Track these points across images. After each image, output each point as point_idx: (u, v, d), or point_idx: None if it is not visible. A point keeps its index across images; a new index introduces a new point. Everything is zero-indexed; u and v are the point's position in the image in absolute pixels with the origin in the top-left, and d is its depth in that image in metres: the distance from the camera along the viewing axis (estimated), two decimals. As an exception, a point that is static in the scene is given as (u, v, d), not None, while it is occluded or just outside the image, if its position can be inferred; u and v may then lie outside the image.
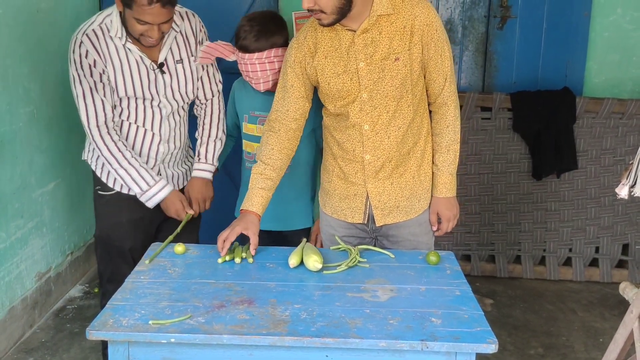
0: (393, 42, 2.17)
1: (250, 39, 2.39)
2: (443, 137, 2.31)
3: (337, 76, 2.22)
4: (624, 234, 3.96)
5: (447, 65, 2.24)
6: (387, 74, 2.18)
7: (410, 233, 2.38)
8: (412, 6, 2.17)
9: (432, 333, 1.72)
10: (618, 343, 2.21)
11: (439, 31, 2.20)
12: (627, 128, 3.86)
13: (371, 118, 2.24)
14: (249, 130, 2.58)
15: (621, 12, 3.96)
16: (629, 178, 1.96)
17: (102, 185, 2.57)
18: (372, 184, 2.32)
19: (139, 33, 2.31)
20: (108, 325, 1.74)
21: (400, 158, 2.30)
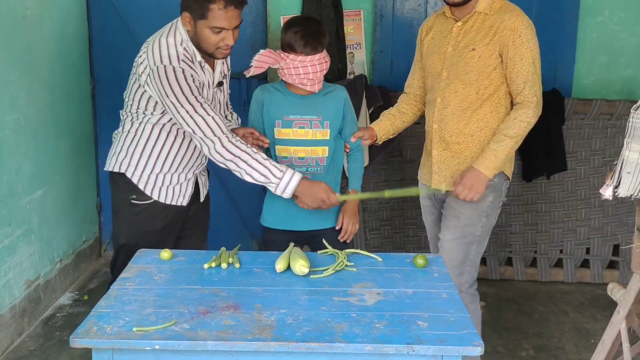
0: (477, 36, 2.51)
1: (311, 43, 2.46)
2: (508, 125, 2.49)
3: (432, 54, 2.65)
4: (614, 234, 3.97)
5: (527, 70, 2.46)
6: (462, 60, 2.53)
7: (454, 201, 2.60)
8: (504, 12, 2.50)
9: (418, 336, 1.71)
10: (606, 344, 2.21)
11: (522, 37, 2.45)
12: (616, 129, 3.87)
13: (444, 93, 2.59)
14: (283, 135, 2.59)
15: (608, 14, 3.98)
16: (612, 179, 1.96)
17: (139, 195, 2.57)
18: (437, 151, 2.65)
19: (214, 45, 2.37)
20: (92, 332, 1.72)
21: (462, 136, 2.58)
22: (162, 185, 2.57)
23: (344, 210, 2.64)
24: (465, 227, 2.60)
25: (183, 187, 2.62)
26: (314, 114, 2.56)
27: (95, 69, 4.15)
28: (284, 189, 2.41)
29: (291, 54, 2.47)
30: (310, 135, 2.58)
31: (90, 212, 4.23)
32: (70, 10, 3.87)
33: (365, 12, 3.98)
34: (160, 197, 2.58)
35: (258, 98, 2.64)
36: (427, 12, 3.98)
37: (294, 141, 2.58)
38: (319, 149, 2.59)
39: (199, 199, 2.74)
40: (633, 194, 1.94)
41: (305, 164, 2.59)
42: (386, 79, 4.05)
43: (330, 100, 2.59)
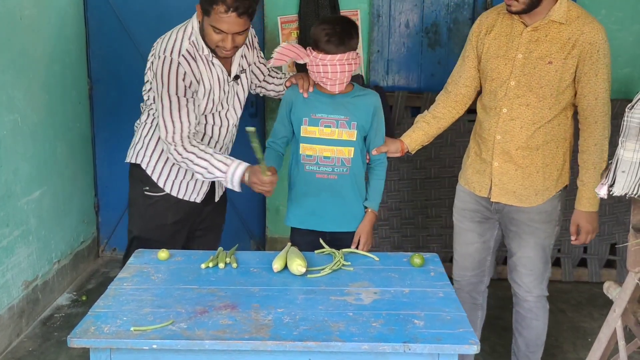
0: (553, 47, 2.35)
1: (334, 42, 2.46)
2: (590, 154, 2.41)
3: (496, 58, 2.46)
4: (611, 233, 3.98)
5: (600, 87, 2.35)
6: (537, 72, 2.37)
7: (529, 219, 2.51)
8: (584, 23, 2.33)
9: (414, 335, 1.73)
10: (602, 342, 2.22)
11: (600, 52, 2.32)
12: (614, 128, 3.82)
13: (511, 104, 2.43)
14: (308, 133, 2.60)
15: (606, 13, 3.99)
16: (607, 177, 1.97)
17: (152, 187, 2.60)
18: (498, 163, 2.51)
19: (214, 43, 2.39)
20: (90, 332, 1.73)
21: (528, 150, 2.45)
22: (175, 179, 2.60)
23: (361, 232, 2.63)
24: (544, 240, 2.55)
25: (198, 183, 2.64)
26: (341, 114, 2.57)
27: (93, 69, 4.15)
28: (231, 182, 2.44)
29: (315, 51, 2.50)
30: (336, 135, 2.58)
31: (88, 212, 4.23)
32: (68, 10, 3.87)
33: (362, 13, 3.99)
34: (172, 191, 2.61)
35: (287, 97, 2.66)
36: (423, 12, 3.99)
37: (319, 140, 2.58)
38: (345, 149, 2.59)
39: (213, 199, 2.76)
40: (628, 193, 1.95)
41: (331, 163, 2.60)
42: (383, 79, 4.06)
43: (359, 103, 2.59)
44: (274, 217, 4.30)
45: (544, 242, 2.55)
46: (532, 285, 2.59)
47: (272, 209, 4.30)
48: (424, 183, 3.97)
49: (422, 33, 4.01)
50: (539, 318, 2.64)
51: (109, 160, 4.24)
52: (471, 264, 2.70)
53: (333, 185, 2.60)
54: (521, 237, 2.55)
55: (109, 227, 4.36)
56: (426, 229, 3.99)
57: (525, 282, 2.59)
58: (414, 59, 4.04)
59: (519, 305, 2.67)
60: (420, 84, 4.07)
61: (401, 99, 3.86)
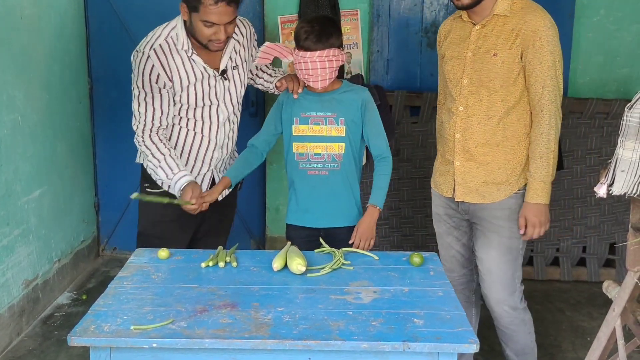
0: (498, 40, 2.38)
1: (312, 39, 2.50)
2: (536, 144, 2.38)
3: (451, 60, 2.51)
4: (610, 233, 3.98)
5: (545, 74, 2.33)
6: (485, 66, 2.40)
7: (491, 215, 2.49)
8: (526, 13, 2.36)
9: (414, 334, 1.73)
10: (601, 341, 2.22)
11: (542, 39, 2.31)
12: (612, 128, 3.88)
13: (467, 102, 2.45)
14: (300, 131, 2.65)
15: (604, 13, 3.99)
16: (606, 177, 1.97)
17: (152, 183, 2.64)
18: (459, 162, 2.50)
19: (206, 38, 2.42)
20: (90, 331, 1.73)
21: (488, 147, 2.44)
22: None
23: (358, 226, 2.60)
24: (509, 239, 2.48)
25: (197, 181, 2.64)
26: (328, 111, 2.62)
27: (93, 68, 4.16)
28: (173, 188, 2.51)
29: (296, 49, 2.55)
30: (325, 132, 2.62)
31: (89, 211, 4.23)
32: (68, 10, 3.88)
33: (362, 12, 3.99)
34: (170, 188, 2.60)
35: (280, 98, 2.74)
36: (423, 12, 3.99)
37: (310, 137, 2.63)
38: (335, 145, 2.62)
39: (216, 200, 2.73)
40: (627, 192, 1.95)
41: (322, 160, 2.63)
42: (383, 79, 4.06)
43: (346, 99, 2.63)
44: (273, 217, 4.31)
45: (509, 242, 2.47)
46: (501, 296, 2.51)
47: (272, 209, 4.31)
48: (424, 182, 3.97)
49: (422, 33, 4.01)
50: (519, 331, 2.57)
51: (109, 159, 4.24)
52: (457, 266, 2.70)
53: (324, 182, 2.64)
54: (485, 235, 2.51)
55: (109, 226, 4.36)
56: (425, 228, 3.99)
57: (494, 293, 2.52)
58: (414, 58, 4.04)
59: (496, 320, 2.61)
60: (419, 84, 4.08)
61: (401, 99, 3.87)
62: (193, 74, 2.53)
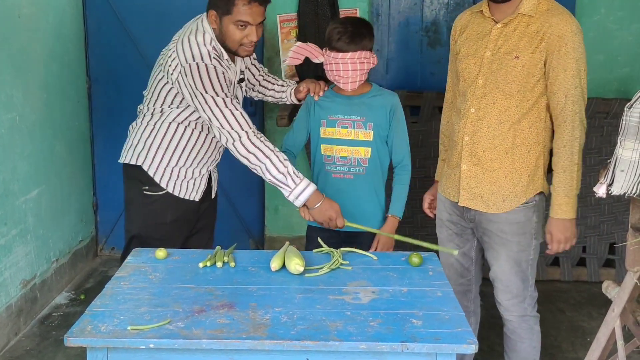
0: (521, 42, 2.26)
1: (345, 40, 2.50)
2: (559, 157, 2.28)
3: (467, 57, 2.38)
4: (610, 233, 3.97)
5: (570, 82, 2.22)
6: (504, 68, 2.27)
7: (499, 229, 2.40)
8: (552, 15, 2.24)
9: (412, 334, 1.72)
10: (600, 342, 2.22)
11: (569, 45, 2.21)
12: (612, 127, 3.87)
13: (479, 103, 2.34)
14: (327, 134, 2.65)
15: (605, 12, 3.98)
16: (606, 177, 1.96)
17: (152, 186, 2.62)
18: (466, 166, 2.41)
19: (238, 42, 2.45)
20: (86, 331, 1.72)
21: (497, 152, 2.35)
22: (177, 179, 2.63)
23: (379, 236, 2.65)
24: (518, 253, 2.40)
25: (197, 182, 2.68)
26: (357, 115, 2.61)
27: (92, 68, 4.15)
28: (297, 195, 2.43)
29: (327, 50, 2.55)
30: (352, 135, 2.62)
31: (87, 211, 4.22)
32: (66, 9, 3.87)
33: (361, 11, 3.98)
34: (174, 190, 2.63)
35: (307, 100, 2.74)
36: (423, 11, 3.98)
37: (337, 140, 2.63)
38: (362, 149, 2.62)
39: (210, 196, 2.79)
40: (627, 192, 1.94)
41: (347, 163, 2.63)
42: (383, 78, 4.05)
43: (376, 103, 2.62)
44: (272, 216, 4.30)
45: (517, 255, 2.40)
46: (509, 304, 2.47)
47: (271, 208, 4.30)
48: (424, 182, 3.96)
49: (422, 32, 4.00)
50: (524, 340, 2.50)
51: (107, 159, 4.23)
52: (454, 274, 2.62)
53: (349, 185, 2.64)
54: (494, 248, 2.44)
55: (108, 226, 4.35)
56: (425, 228, 3.98)
57: (502, 299, 2.48)
58: (414, 58, 4.03)
59: (504, 324, 2.56)
60: (420, 83, 4.06)
61: (401, 98, 3.83)
62: (233, 81, 2.58)
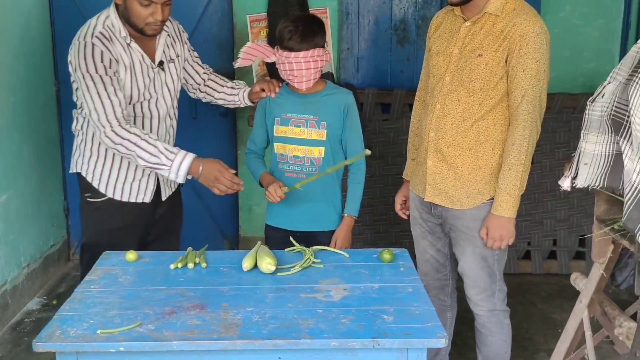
0: (485, 40, 2.28)
1: (296, 39, 2.46)
2: (507, 155, 2.29)
3: (437, 54, 2.42)
4: (580, 225, 4.04)
5: (527, 82, 2.22)
6: (468, 66, 2.30)
7: (464, 225, 2.42)
8: (517, 15, 2.25)
9: (383, 330, 1.73)
10: (569, 333, 2.25)
11: (529, 45, 2.20)
12: (579, 122, 3.85)
13: (444, 100, 2.36)
14: (280, 132, 2.62)
15: (570, 9, 4.05)
16: (570, 170, 2.00)
17: (93, 192, 2.54)
18: (432, 162, 2.42)
19: (143, 20, 2.34)
20: (55, 336, 1.71)
21: (460, 149, 2.36)
22: (116, 182, 2.53)
23: (337, 236, 2.64)
24: (483, 249, 2.41)
25: (143, 183, 2.57)
26: (310, 114, 2.58)
27: (60, 70, 4.09)
28: (176, 171, 2.33)
29: (279, 49, 2.51)
30: (305, 135, 2.59)
31: (58, 215, 4.17)
32: (32, 12, 3.81)
33: (331, 10, 3.99)
34: (115, 194, 2.53)
35: (262, 104, 2.69)
36: (392, 9, 4.00)
37: (290, 139, 2.60)
38: (315, 149, 2.60)
39: (167, 198, 2.68)
40: (590, 185, 1.98)
41: (300, 163, 2.61)
42: (353, 77, 4.07)
43: (329, 102, 2.59)
44: (246, 216, 4.29)
45: (482, 251, 2.40)
46: (478, 299, 2.48)
47: (245, 208, 4.29)
48: (395, 179, 3.98)
49: (391, 30, 4.03)
50: (494, 334, 2.52)
51: (78, 162, 4.18)
52: (431, 270, 2.65)
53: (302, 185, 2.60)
54: (460, 244, 2.46)
55: (80, 230, 4.29)
56: (399, 225, 4.01)
57: (471, 294, 2.50)
58: (384, 56, 4.06)
59: (475, 319, 2.57)
60: (390, 81, 4.09)
61: (372, 96, 3.88)
62: (133, 64, 2.43)
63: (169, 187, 2.70)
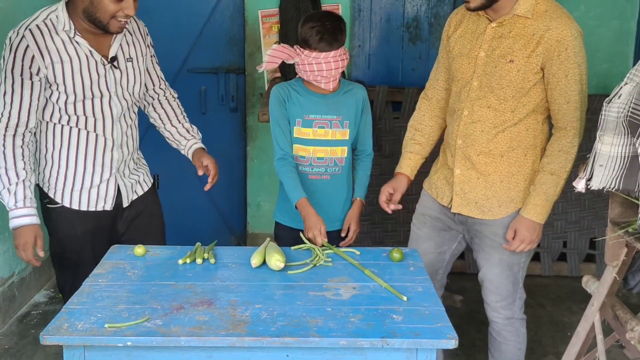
0: (516, 44, 2.16)
1: (327, 39, 2.42)
2: (552, 159, 2.22)
3: (461, 56, 2.29)
4: (591, 228, 4.01)
5: (572, 88, 2.15)
6: (498, 72, 2.19)
7: (492, 232, 2.33)
8: (551, 18, 2.14)
9: (392, 330, 1.71)
10: (580, 336, 2.23)
11: (569, 50, 2.12)
12: (592, 123, 3.85)
13: (472, 106, 2.26)
14: (302, 134, 2.56)
15: (584, 9, 4.01)
16: (585, 172, 1.97)
17: (49, 198, 2.39)
18: (460, 170, 2.33)
19: (111, 14, 2.19)
20: (63, 329, 1.70)
21: (491, 156, 2.27)
22: (72, 191, 2.37)
23: (350, 219, 2.62)
24: (511, 257, 2.33)
25: (102, 190, 2.40)
26: (333, 114, 2.54)
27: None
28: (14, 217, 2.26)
29: (306, 50, 2.45)
30: (329, 136, 2.56)
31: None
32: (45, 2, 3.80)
33: (343, 7, 3.97)
34: (72, 203, 2.38)
35: (279, 96, 2.58)
36: (405, 7, 3.98)
37: (313, 141, 2.56)
38: (338, 149, 2.58)
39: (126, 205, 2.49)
40: (605, 187, 1.95)
41: (324, 164, 2.58)
42: (364, 74, 4.05)
43: (349, 99, 2.56)
44: (255, 213, 4.29)
45: (510, 259, 2.34)
46: (498, 305, 2.41)
47: (253, 205, 4.28)
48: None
49: (403, 28, 4.00)
50: (509, 342, 2.45)
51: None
52: None
53: (326, 186, 2.59)
54: (485, 251, 2.37)
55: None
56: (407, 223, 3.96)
57: (492, 300, 2.42)
58: (395, 53, 4.04)
59: (490, 324, 2.49)
60: (401, 79, 4.07)
61: (382, 94, 3.86)
62: (77, 59, 2.26)
63: (133, 191, 2.52)
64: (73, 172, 2.36)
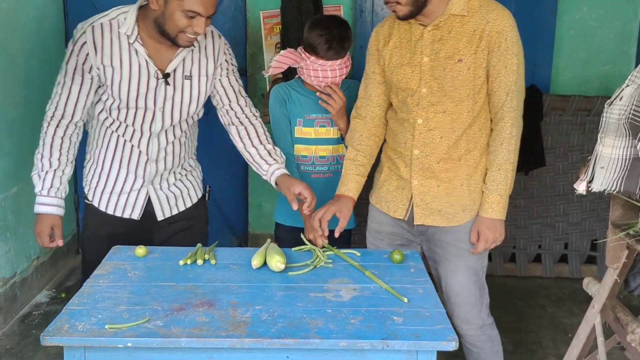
0: (460, 44, 2.14)
1: (335, 48, 2.42)
2: (496, 154, 2.20)
3: (401, 67, 2.24)
4: (592, 229, 4.00)
5: (510, 79, 2.14)
6: (448, 74, 2.16)
7: (456, 239, 2.29)
8: (488, 11, 2.13)
9: (393, 332, 1.71)
10: (580, 338, 2.23)
11: (508, 41, 2.12)
12: (594, 125, 3.89)
13: (426, 114, 2.21)
14: (303, 134, 2.58)
15: (587, 10, 4.01)
16: (586, 173, 1.97)
17: (85, 194, 2.44)
18: (418, 181, 2.27)
19: (180, 29, 2.14)
20: (63, 330, 1.70)
21: (451, 162, 2.24)
22: (103, 191, 2.38)
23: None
24: (476, 262, 2.31)
25: (131, 197, 2.38)
26: None
27: (73, 64, 4.10)
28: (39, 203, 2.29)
29: (312, 56, 2.45)
30: (331, 134, 2.58)
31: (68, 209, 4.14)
32: (47, 4, 3.82)
33: (345, 8, 3.97)
34: (100, 204, 2.39)
35: (279, 96, 2.58)
36: (406, 8, 3.97)
37: (315, 140, 2.57)
38: (340, 147, 2.60)
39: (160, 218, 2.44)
40: (606, 189, 1.95)
41: (327, 162, 2.60)
42: (366, 75, 4.04)
43: (348, 97, 2.56)
44: (256, 214, 4.29)
45: (475, 264, 2.30)
46: (469, 315, 2.35)
47: (255, 205, 4.28)
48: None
49: (405, 29, 4.00)
50: (485, 349, 2.40)
51: (89, 156, 4.19)
52: None
53: (329, 184, 2.59)
54: (450, 260, 2.31)
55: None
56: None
57: (462, 313, 2.34)
58: (397, 55, 4.03)
59: (462, 338, 2.39)
60: (403, 80, 4.06)
61: (384, 95, 3.85)
62: (129, 66, 2.22)
63: (172, 205, 2.46)
64: (107, 174, 2.37)
